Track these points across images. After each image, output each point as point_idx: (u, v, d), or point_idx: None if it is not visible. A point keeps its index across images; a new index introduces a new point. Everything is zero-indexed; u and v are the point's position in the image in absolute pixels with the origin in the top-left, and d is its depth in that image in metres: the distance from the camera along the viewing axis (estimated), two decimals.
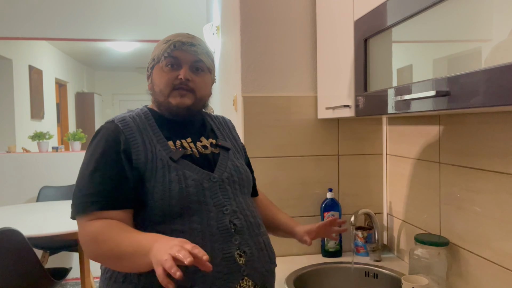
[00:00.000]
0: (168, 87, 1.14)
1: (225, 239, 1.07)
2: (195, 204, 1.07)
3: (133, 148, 1.08)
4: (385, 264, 1.67)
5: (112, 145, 1.08)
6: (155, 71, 1.17)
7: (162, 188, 1.05)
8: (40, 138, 4.27)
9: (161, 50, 1.14)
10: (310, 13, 1.81)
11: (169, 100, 1.14)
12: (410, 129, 1.64)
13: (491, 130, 1.19)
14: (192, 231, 1.05)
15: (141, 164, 1.07)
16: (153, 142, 1.11)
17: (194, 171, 1.10)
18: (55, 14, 3.93)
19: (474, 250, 1.27)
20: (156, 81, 1.17)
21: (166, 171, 1.07)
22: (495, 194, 1.18)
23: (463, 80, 0.80)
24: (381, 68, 1.20)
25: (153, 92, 1.19)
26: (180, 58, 1.14)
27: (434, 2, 0.90)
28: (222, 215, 1.09)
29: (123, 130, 1.10)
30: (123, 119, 1.14)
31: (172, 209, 1.05)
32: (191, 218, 1.06)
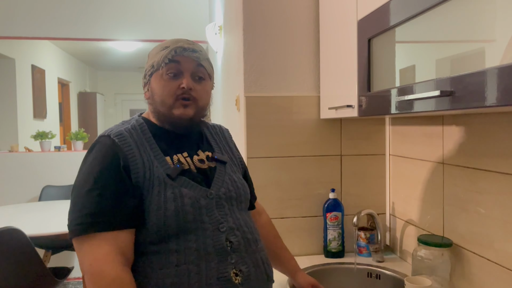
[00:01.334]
0: (171, 97, 1.09)
1: (221, 258, 1.03)
2: (191, 223, 1.04)
3: (132, 165, 1.03)
4: (387, 265, 1.66)
5: (111, 161, 1.02)
6: (154, 79, 1.11)
7: (157, 208, 1.02)
8: (43, 137, 4.28)
9: (160, 56, 1.09)
10: (313, 13, 1.81)
11: (172, 111, 1.09)
12: (413, 130, 1.64)
13: (495, 131, 1.18)
14: (188, 250, 1.02)
15: (140, 182, 1.03)
16: (150, 158, 1.06)
17: (191, 188, 1.07)
18: (58, 14, 3.93)
19: (478, 251, 1.26)
20: (156, 90, 1.11)
21: (162, 189, 1.03)
22: (499, 195, 1.17)
23: (468, 80, 0.80)
24: (384, 68, 1.19)
25: (152, 102, 1.13)
26: (181, 64, 1.09)
27: (437, 2, 0.89)
28: (218, 233, 1.06)
29: (121, 146, 1.04)
30: (120, 134, 1.07)
31: (167, 229, 1.02)
32: (187, 237, 1.03)
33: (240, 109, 1.89)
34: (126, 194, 1.01)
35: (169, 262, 1.00)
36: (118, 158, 1.03)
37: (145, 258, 1.02)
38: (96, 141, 1.08)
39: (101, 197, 0.99)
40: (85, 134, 4.47)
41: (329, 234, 1.77)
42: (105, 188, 1.00)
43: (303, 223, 1.82)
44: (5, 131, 4.85)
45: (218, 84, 3.00)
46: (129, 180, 1.02)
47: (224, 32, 2.61)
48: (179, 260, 1.00)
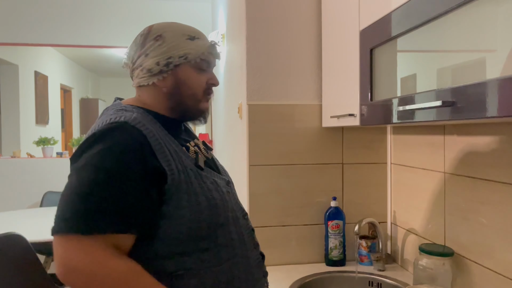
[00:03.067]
0: (201, 91, 1.05)
1: (252, 245, 1.05)
2: (231, 212, 1.02)
3: (162, 158, 0.92)
4: (389, 273, 1.66)
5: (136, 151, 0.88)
6: (185, 70, 1.02)
7: (205, 198, 0.95)
8: (45, 143, 4.30)
9: (197, 49, 1.02)
10: (315, 23, 1.83)
11: (199, 105, 1.06)
12: (414, 139, 1.65)
13: (497, 141, 1.19)
14: (232, 242, 0.99)
15: (175, 176, 0.92)
16: (175, 150, 0.97)
17: (216, 176, 1.04)
18: (61, 21, 3.97)
19: (479, 261, 1.26)
20: (186, 82, 1.02)
21: (200, 180, 0.97)
22: (500, 205, 1.18)
23: (470, 90, 0.81)
24: (386, 77, 1.21)
25: (175, 93, 1.03)
26: (211, 62, 1.07)
27: (439, 14, 0.90)
28: (245, 221, 1.07)
29: (147, 136, 0.92)
30: (138, 121, 0.93)
31: (218, 220, 0.96)
32: (229, 228, 1.00)
33: (243, 117, 1.90)
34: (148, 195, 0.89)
35: (220, 258, 0.96)
36: (144, 149, 0.90)
37: (196, 257, 0.93)
38: (110, 128, 0.90)
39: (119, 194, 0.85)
40: None
41: (331, 242, 1.77)
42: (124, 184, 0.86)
43: (304, 231, 1.83)
44: (7, 137, 4.87)
45: (220, 91, 3.01)
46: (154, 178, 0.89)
47: (227, 41, 2.63)
48: (229, 254, 0.98)
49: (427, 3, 0.95)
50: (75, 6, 3.97)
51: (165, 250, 0.91)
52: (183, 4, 4.11)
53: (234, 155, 2.19)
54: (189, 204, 0.92)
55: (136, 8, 4.06)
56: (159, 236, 0.91)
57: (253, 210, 1.77)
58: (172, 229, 0.91)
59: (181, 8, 4.11)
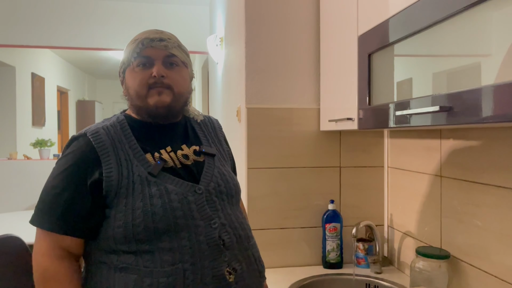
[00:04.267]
0: (144, 87, 1.07)
1: (214, 255, 1.01)
2: (181, 219, 1.00)
3: (105, 166, 1.01)
4: (385, 276, 1.68)
5: (81, 165, 1.02)
6: (128, 74, 1.10)
7: (142, 204, 0.99)
8: (42, 145, 4.29)
9: (129, 51, 1.09)
10: (314, 27, 1.85)
11: (147, 101, 1.07)
12: (411, 143, 1.67)
13: (493, 145, 1.21)
14: (181, 248, 0.99)
15: (113, 182, 1.00)
16: (129, 157, 1.04)
17: (176, 184, 1.04)
18: (58, 23, 3.97)
19: (475, 263, 1.28)
20: (130, 84, 1.09)
21: (145, 186, 1.01)
22: (495, 208, 1.20)
23: (466, 96, 0.83)
24: (384, 82, 1.22)
25: (129, 97, 1.11)
26: (151, 55, 1.07)
27: (436, 21, 0.92)
28: (211, 230, 1.03)
29: (95, 145, 1.03)
30: (96, 132, 1.06)
31: (156, 226, 0.98)
32: (179, 234, 1.00)
33: (241, 120, 1.92)
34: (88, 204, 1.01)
35: (163, 261, 0.97)
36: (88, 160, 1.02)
37: (138, 257, 0.99)
38: (73, 138, 1.07)
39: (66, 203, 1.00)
40: None
41: (328, 245, 1.79)
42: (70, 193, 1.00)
43: (302, 234, 1.84)
44: (4, 139, 4.85)
45: (218, 94, 3.03)
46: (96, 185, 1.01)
47: (225, 44, 2.65)
48: (174, 259, 0.98)
49: (424, 10, 0.97)
50: (72, 8, 3.98)
51: (107, 246, 1.02)
52: (181, 8, 4.12)
53: None
54: (126, 208, 1.00)
55: (133, 11, 4.07)
56: (101, 235, 1.02)
57: (251, 213, 1.78)
58: (110, 230, 1.01)
59: (179, 11, 4.12)
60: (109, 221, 1.01)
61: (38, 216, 1.02)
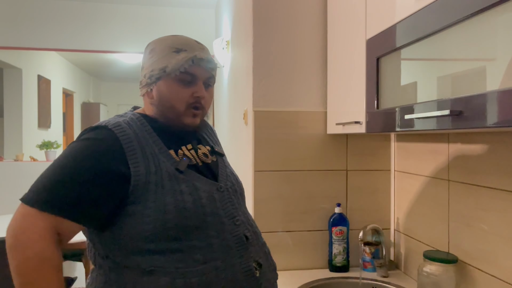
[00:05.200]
0: (183, 105, 1.06)
1: (241, 252, 1.03)
2: (210, 216, 1.01)
3: (131, 160, 0.97)
4: (392, 280, 1.67)
5: (104, 154, 0.96)
6: (165, 83, 1.05)
7: (174, 200, 0.97)
8: (48, 147, 4.31)
9: (175, 63, 1.04)
10: (321, 30, 1.85)
11: (181, 118, 1.07)
12: (418, 146, 1.67)
13: (500, 149, 1.21)
14: (211, 246, 0.99)
15: (141, 177, 0.96)
16: (154, 152, 1.01)
17: (202, 181, 1.04)
18: (65, 26, 4.00)
19: (483, 268, 1.28)
20: (166, 95, 1.05)
21: (174, 183, 0.99)
22: (503, 213, 1.19)
23: (476, 100, 0.83)
24: (391, 85, 1.23)
25: (158, 104, 1.07)
26: (196, 74, 1.06)
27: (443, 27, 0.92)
28: (235, 227, 1.04)
29: (120, 138, 0.98)
30: (119, 125, 1.01)
31: (187, 222, 0.97)
32: (208, 232, 0.99)
33: (248, 123, 1.92)
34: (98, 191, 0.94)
35: (194, 260, 0.96)
36: (113, 151, 0.97)
37: (167, 257, 0.96)
38: (92, 130, 1.00)
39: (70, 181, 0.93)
40: None
41: (334, 248, 1.79)
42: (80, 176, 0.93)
43: (308, 237, 1.84)
44: (10, 140, 4.88)
45: (224, 97, 3.04)
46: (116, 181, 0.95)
47: (232, 47, 2.66)
48: (205, 257, 0.97)
49: (432, 16, 0.97)
50: (78, 11, 4.01)
51: (134, 246, 0.96)
52: (187, 11, 4.14)
53: (238, 161, 2.21)
54: (155, 204, 0.96)
55: (139, 14, 4.09)
56: (126, 232, 0.96)
57: (257, 215, 1.79)
58: (137, 227, 0.95)
59: (185, 14, 4.14)
60: (136, 218, 0.96)
61: (40, 195, 0.92)
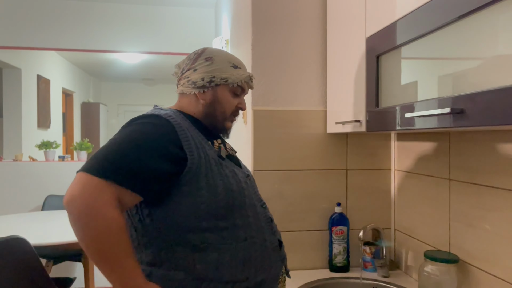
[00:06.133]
0: (230, 111, 1.24)
1: (270, 230, 1.18)
2: (247, 198, 1.15)
3: (186, 145, 1.08)
4: (393, 280, 1.66)
5: (163, 135, 1.06)
6: (223, 91, 1.22)
7: (222, 183, 1.10)
8: (47, 147, 4.30)
9: (238, 77, 1.22)
10: (321, 29, 1.84)
11: (225, 123, 1.25)
12: (419, 145, 1.65)
13: (502, 148, 1.20)
14: (249, 224, 1.13)
15: (195, 160, 1.07)
16: (200, 142, 1.13)
17: (237, 168, 1.19)
18: (64, 25, 3.99)
19: (484, 268, 1.27)
20: (222, 101, 1.22)
21: (220, 167, 1.12)
22: (505, 212, 1.18)
23: (478, 98, 0.82)
24: (392, 84, 1.22)
25: (210, 106, 1.22)
26: (245, 89, 1.27)
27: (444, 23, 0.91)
28: (263, 209, 1.20)
29: (175, 125, 1.10)
30: (170, 115, 1.12)
31: (234, 203, 1.10)
32: (246, 212, 1.14)
33: (248, 122, 1.91)
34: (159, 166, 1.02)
35: (238, 237, 1.10)
36: (170, 135, 1.07)
37: (216, 234, 1.08)
38: (147, 117, 1.10)
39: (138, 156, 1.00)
40: (90, 144, 4.49)
41: (335, 248, 1.77)
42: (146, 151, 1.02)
43: (308, 237, 1.83)
44: (9, 140, 4.87)
45: None
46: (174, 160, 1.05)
47: (231, 46, 2.65)
48: (246, 234, 1.11)
49: (432, 13, 0.96)
50: (78, 11, 4.00)
51: (188, 224, 1.07)
52: (186, 10, 4.13)
53: None
54: (207, 185, 1.08)
55: (139, 14, 4.08)
56: (183, 212, 1.07)
57: None
58: (194, 207, 1.07)
59: (184, 14, 4.13)
60: (191, 198, 1.06)
61: (104, 166, 0.97)
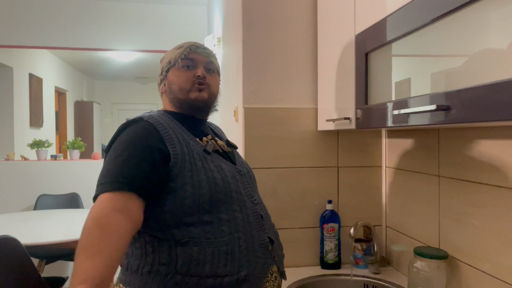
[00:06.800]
0: (188, 83, 1.23)
1: (259, 227, 1.17)
2: (234, 193, 1.15)
3: (169, 143, 1.11)
4: (384, 276, 1.67)
5: (148, 137, 1.10)
6: (172, 72, 1.25)
7: (206, 177, 1.10)
8: (39, 146, 4.27)
9: (177, 54, 1.24)
10: (311, 26, 1.84)
11: (189, 95, 1.23)
12: (409, 142, 1.66)
13: (490, 144, 1.21)
14: (235, 219, 1.12)
15: (179, 156, 1.10)
16: (184, 138, 1.16)
17: (225, 163, 1.19)
18: (56, 23, 3.96)
19: (473, 264, 1.27)
20: (174, 81, 1.24)
21: (204, 162, 1.13)
22: (493, 208, 1.19)
23: (464, 94, 0.82)
24: (381, 81, 1.22)
25: (169, 92, 1.26)
26: (195, 59, 1.25)
27: (433, 19, 0.92)
28: (253, 205, 1.19)
29: (157, 126, 1.14)
30: (152, 117, 1.17)
31: (218, 196, 1.10)
32: (233, 206, 1.13)
33: (239, 120, 1.91)
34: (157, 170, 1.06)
35: (222, 231, 1.09)
36: (153, 136, 1.11)
37: (200, 228, 1.08)
38: (129, 123, 1.15)
39: (125, 162, 1.04)
40: (82, 143, 4.47)
41: (326, 245, 1.78)
42: (139, 158, 1.05)
43: (299, 234, 1.83)
44: (1, 140, 4.84)
45: None
46: (162, 157, 1.08)
47: (223, 44, 2.64)
48: (231, 229, 1.10)
49: (422, 9, 0.96)
50: (70, 9, 3.97)
51: (174, 220, 1.08)
52: (179, 8, 4.11)
53: None
54: (192, 180, 1.09)
55: (132, 11, 4.06)
56: (168, 208, 1.08)
57: None
58: (178, 202, 1.08)
59: (177, 12, 4.11)
60: (176, 194, 1.08)
61: (104, 184, 1.01)
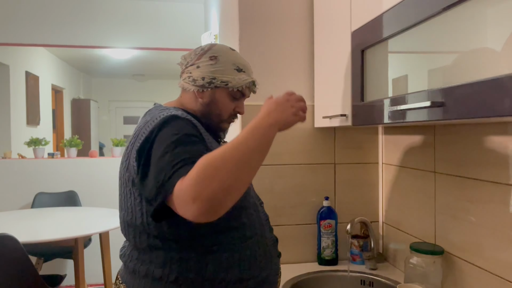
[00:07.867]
0: (227, 114, 1.22)
1: (268, 228, 1.22)
2: (250, 197, 1.17)
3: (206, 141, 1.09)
4: (380, 272, 1.68)
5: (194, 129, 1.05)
6: (220, 92, 1.19)
7: None
8: (36, 144, 4.26)
9: (238, 81, 1.18)
10: (307, 24, 1.84)
11: (221, 125, 1.23)
12: (405, 139, 1.67)
13: (486, 141, 1.21)
14: (253, 223, 1.14)
15: None
16: (211, 141, 1.13)
17: None
18: (53, 21, 3.95)
19: (469, 259, 1.28)
20: (219, 104, 1.20)
21: None
22: (489, 204, 1.20)
23: (458, 91, 0.82)
24: (377, 78, 1.22)
25: (207, 106, 1.19)
26: (245, 94, 1.24)
27: (429, 15, 0.92)
28: (261, 208, 1.24)
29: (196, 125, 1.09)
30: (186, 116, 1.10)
31: (241, 203, 1.09)
32: (250, 210, 1.15)
33: None
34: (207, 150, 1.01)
35: (245, 236, 1.11)
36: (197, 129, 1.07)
37: (227, 234, 1.09)
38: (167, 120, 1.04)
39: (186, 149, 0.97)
40: (80, 141, 4.46)
41: (323, 242, 1.79)
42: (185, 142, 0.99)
43: (297, 231, 1.84)
44: None
45: None
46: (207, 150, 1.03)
47: (220, 41, 2.64)
48: (251, 233, 1.13)
49: (417, 5, 0.96)
50: (67, 6, 3.96)
51: (204, 228, 1.04)
52: (176, 5, 4.10)
53: None
54: None
55: (128, 9, 4.05)
56: None
57: None
58: None
59: (174, 8, 4.10)
60: None
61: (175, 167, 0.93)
